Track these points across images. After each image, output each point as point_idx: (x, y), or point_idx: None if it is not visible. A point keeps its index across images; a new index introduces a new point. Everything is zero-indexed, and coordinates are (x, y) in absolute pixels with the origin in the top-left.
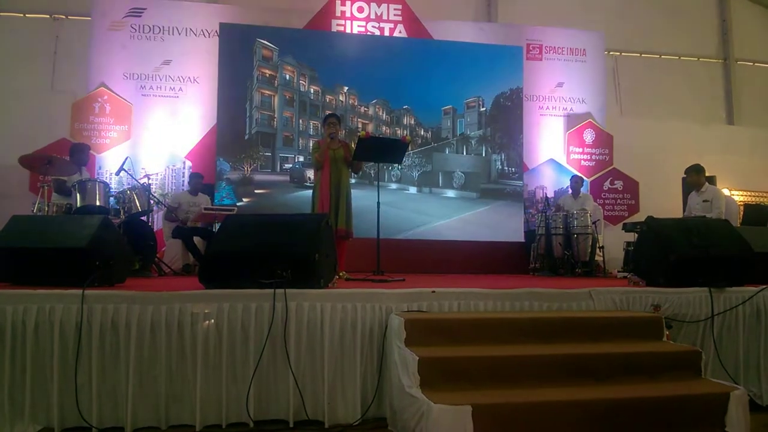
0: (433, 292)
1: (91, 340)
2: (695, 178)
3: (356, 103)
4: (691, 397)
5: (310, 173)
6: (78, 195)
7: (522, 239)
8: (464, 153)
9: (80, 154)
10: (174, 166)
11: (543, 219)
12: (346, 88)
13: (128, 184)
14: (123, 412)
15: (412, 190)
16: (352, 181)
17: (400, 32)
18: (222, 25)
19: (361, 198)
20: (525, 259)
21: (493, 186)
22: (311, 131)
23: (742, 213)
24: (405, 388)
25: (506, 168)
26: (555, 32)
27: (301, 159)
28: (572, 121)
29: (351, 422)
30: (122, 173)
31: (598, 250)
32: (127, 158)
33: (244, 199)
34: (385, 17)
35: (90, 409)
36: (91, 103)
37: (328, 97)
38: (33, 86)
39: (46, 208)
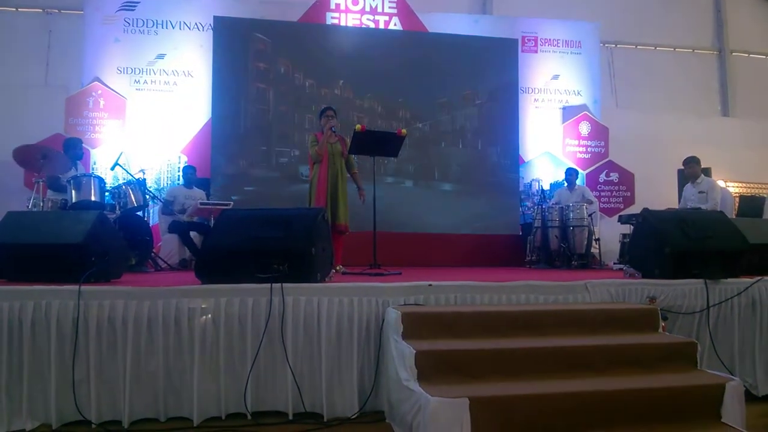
0: (430, 285)
1: (88, 336)
2: (694, 169)
3: (351, 97)
4: (686, 388)
5: (303, 169)
6: (73, 190)
7: (518, 232)
8: (460, 146)
9: (74, 149)
10: (169, 160)
11: (539, 211)
12: (341, 81)
13: (123, 179)
14: (121, 407)
15: (408, 183)
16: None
17: (395, 25)
18: (216, 19)
19: (356, 192)
20: (521, 251)
21: (489, 179)
22: (306, 125)
23: (737, 204)
24: (402, 381)
25: (502, 161)
26: (550, 24)
27: (297, 153)
28: (568, 113)
29: (349, 415)
30: (117, 168)
31: (594, 242)
32: (121, 153)
33: (240, 194)
34: (380, 10)
35: (88, 405)
36: (85, 97)
37: (323, 91)
38: (26, 81)
39: (41, 204)
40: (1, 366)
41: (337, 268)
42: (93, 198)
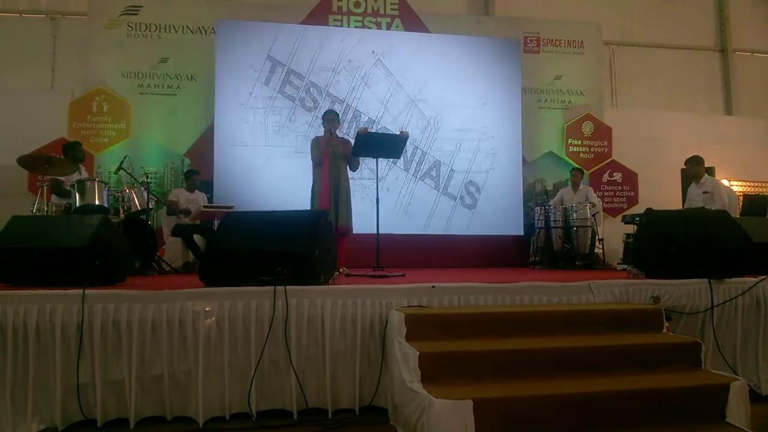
0: (433, 287)
1: (93, 340)
2: (696, 169)
3: (354, 100)
4: (691, 388)
5: (306, 172)
6: (77, 194)
7: (521, 233)
8: (462, 147)
9: (73, 151)
10: (173, 164)
11: (542, 212)
12: (344, 84)
13: (127, 182)
14: (126, 410)
15: (410, 184)
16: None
17: (397, 27)
18: (218, 22)
19: (360, 193)
20: (525, 252)
21: (492, 179)
22: (310, 128)
23: (740, 203)
24: (406, 383)
25: (505, 161)
26: (552, 25)
27: (300, 156)
28: (571, 113)
29: (353, 417)
30: (121, 172)
31: (597, 242)
32: (125, 157)
33: (243, 197)
34: (381, 12)
35: (93, 408)
36: (89, 101)
37: (326, 94)
38: (31, 86)
39: (46, 208)
40: (6, 369)
41: (341, 270)
42: (97, 202)
